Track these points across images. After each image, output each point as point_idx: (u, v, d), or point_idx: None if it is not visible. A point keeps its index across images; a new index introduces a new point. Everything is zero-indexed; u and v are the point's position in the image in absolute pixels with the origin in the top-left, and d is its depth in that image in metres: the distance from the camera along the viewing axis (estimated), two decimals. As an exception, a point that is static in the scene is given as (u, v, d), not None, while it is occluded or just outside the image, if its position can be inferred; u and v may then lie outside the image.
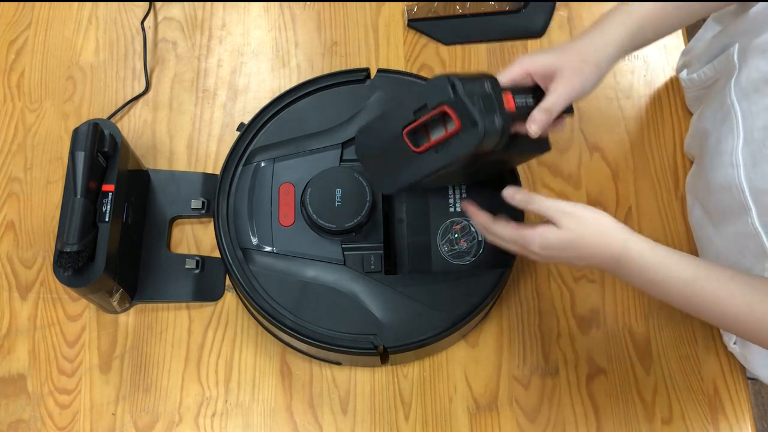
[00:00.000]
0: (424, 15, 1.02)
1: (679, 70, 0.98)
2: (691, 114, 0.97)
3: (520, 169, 0.94)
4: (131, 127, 0.97)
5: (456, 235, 0.87)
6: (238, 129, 0.88)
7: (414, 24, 1.02)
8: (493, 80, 0.68)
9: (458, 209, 0.85)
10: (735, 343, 0.85)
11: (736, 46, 0.80)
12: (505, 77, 0.70)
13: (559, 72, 0.68)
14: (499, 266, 0.84)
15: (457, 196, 0.85)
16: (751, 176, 0.75)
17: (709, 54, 0.88)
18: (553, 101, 0.68)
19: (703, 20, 0.91)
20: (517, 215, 0.78)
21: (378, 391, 0.87)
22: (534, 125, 0.68)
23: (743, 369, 0.87)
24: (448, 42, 1.02)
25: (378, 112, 0.87)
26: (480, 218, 0.74)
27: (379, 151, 0.76)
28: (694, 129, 0.92)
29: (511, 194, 0.72)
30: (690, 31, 1.04)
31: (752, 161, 0.75)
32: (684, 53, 0.97)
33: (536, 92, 0.70)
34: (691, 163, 0.94)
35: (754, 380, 0.90)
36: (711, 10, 0.80)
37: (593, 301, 0.90)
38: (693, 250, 0.92)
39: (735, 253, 0.80)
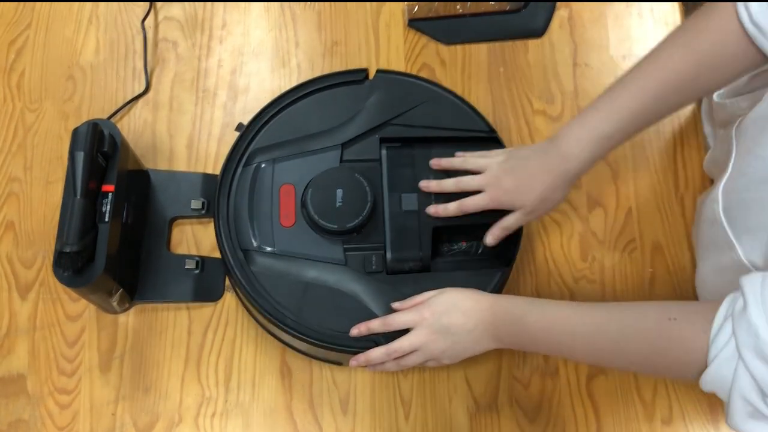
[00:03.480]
0: (425, 15, 1.02)
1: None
2: (693, 113, 0.97)
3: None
4: (131, 127, 0.97)
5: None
6: (236, 129, 0.88)
7: (414, 24, 1.02)
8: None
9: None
10: None
11: None
12: (473, 204, 0.80)
13: (519, 208, 0.78)
14: (499, 266, 0.84)
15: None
16: (730, 215, 0.76)
17: (746, 86, 0.85)
18: (511, 222, 0.79)
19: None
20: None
21: (378, 391, 0.87)
22: (490, 237, 0.81)
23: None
24: (448, 42, 1.02)
25: (378, 113, 0.88)
26: (377, 352, 0.77)
27: None
28: (710, 153, 0.92)
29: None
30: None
31: (729, 201, 0.76)
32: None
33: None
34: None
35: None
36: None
37: (593, 301, 0.90)
38: (692, 250, 0.92)
39: (726, 285, 0.80)
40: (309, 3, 1.04)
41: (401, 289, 0.81)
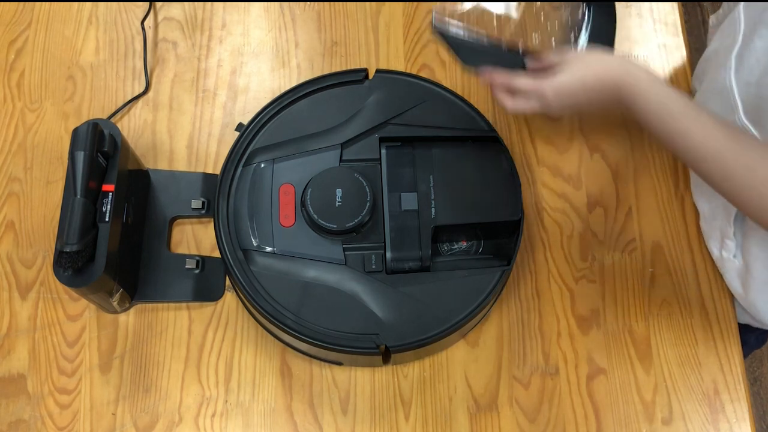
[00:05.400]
0: (456, 24, 0.85)
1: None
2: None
3: (519, 168, 0.95)
4: (131, 127, 0.97)
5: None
6: (236, 129, 0.88)
7: (438, 28, 0.85)
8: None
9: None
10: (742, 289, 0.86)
11: None
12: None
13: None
14: (499, 266, 0.84)
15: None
16: (739, 74, 0.79)
17: None
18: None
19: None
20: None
21: (378, 391, 0.87)
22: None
23: (743, 369, 0.88)
24: (467, 63, 0.84)
25: (377, 113, 0.88)
26: (500, 77, 0.81)
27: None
28: (704, 57, 0.93)
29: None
30: (689, 31, 1.04)
31: (740, 60, 0.79)
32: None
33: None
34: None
35: (754, 381, 0.90)
36: None
37: (593, 301, 0.90)
38: (694, 251, 0.92)
39: None
40: (309, 3, 1.04)
41: (401, 289, 0.81)
